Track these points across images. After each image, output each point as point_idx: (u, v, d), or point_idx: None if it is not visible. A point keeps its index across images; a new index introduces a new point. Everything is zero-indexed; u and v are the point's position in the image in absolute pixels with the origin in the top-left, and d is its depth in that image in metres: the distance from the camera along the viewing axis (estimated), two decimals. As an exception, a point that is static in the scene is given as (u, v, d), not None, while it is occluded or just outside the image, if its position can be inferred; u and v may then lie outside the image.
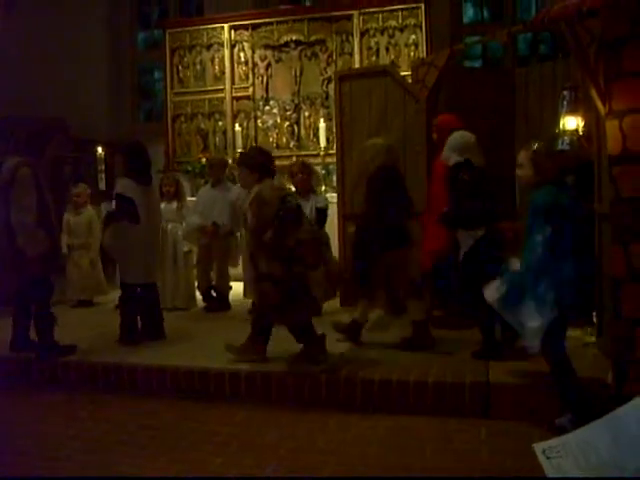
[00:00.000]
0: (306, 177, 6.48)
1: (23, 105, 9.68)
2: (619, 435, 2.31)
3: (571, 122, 4.82)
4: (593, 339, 4.98)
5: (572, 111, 4.85)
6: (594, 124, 4.58)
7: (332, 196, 7.33)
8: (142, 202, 5.58)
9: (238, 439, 4.09)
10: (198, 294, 7.22)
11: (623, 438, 2.29)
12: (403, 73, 7.86)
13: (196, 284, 7.21)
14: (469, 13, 10.89)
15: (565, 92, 4.90)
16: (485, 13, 10.94)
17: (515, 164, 4.06)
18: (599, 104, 3.66)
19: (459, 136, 5.09)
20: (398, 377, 4.48)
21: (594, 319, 4.94)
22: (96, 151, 9.02)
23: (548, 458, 2.35)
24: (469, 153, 4.98)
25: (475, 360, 4.77)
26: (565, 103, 4.87)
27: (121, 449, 3.99)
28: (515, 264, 3.99)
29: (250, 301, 6.27)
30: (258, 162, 4.94)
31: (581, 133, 4.90)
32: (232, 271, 7.27)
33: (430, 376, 4.47)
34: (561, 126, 4.92)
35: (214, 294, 7.17)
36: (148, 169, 5.81)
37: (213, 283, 7.18)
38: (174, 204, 7.13)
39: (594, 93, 3.64)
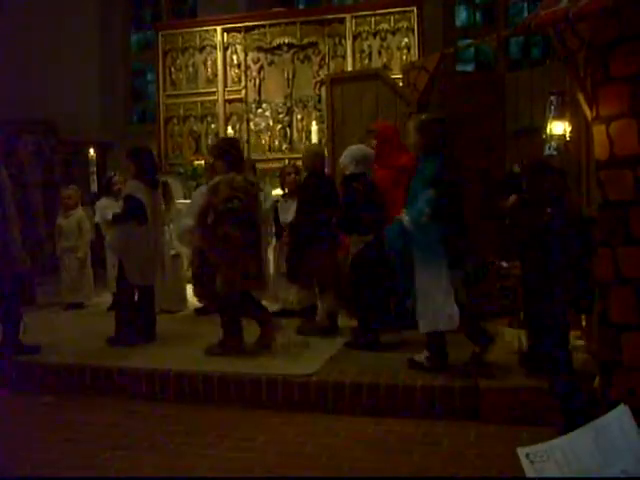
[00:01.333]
0: (297, 178, 6.56)
1: (13, 107, 9.69)
2: (602, 442, 2.32)
3: (558, 127, 4.84)
4: (582, 342, 5.00)
5: (559, 116, 4.87)
6: (582, 129, 4.60)
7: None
8: (149, 204, 5.67)
9: (226, 442, 4.09)
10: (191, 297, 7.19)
11: (606, 445, 2.31)
12: (395, 76, 7.89)
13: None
14: (462, 16, 10.93)
15: (552, 97, 4.92)
16: (478, 16, 10.98)
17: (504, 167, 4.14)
18: (586, 109, 3.67)
19: (360, 149, 5.54)
20: (386, 381, 4.49)
21: (583, 322, 4.96)
22: (88, 153, 8.99)
23: (531, 462, 2.36)
24: (366, 166, 5.43)
25: (465, 366, 4.77)
26: (552, 108, 4.88)
27: (111, 452, 3.99)
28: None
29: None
30: (229, 154, 5.36)
31: (568, 138, 4.92)
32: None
33: (419, 379, 4.47)
34: (548, 131, 4.94)
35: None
36: (155, 172, 5.95)
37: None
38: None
39: (581, 98, 3.65)
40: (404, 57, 9.11)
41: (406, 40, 9.16)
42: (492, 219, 5.81)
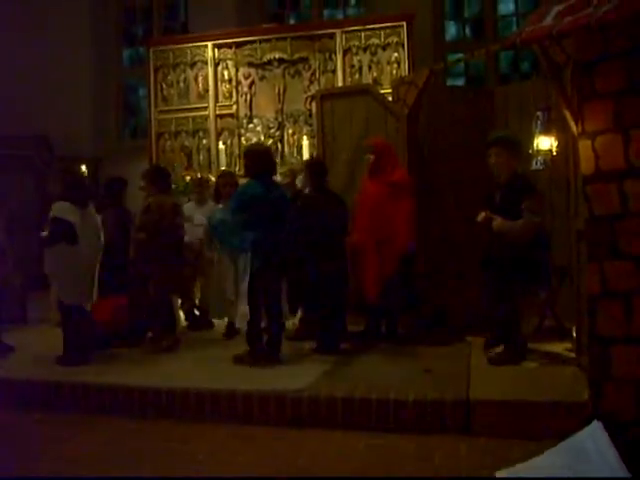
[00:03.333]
0: (291, 181, 6.88)
1: (6, 122, 9.71)
2: (577, 458, 2.34)
3: (545, 142, 4.89)
4: (573, 355, 5.02)
5: (546, 131, 4.93)
6: (569, 144, 4.65)
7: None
8: (78, 224, 5.66)
9: (218, 458, 4.09)
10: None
11: (581, 461, 2.33)
12: (386, 91, 7.92)
13: (179, 303, 7.17)
14: (451, 31, 11.01)
15: (539, 113, 4.98)
16: (467, 31, 11.07)
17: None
18: (572, 124, 3.72)
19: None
20: (378, 395, 4.50)
21: (573, 334, 4.99)
22: (80, 168, 9.02)
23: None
24: None
25: (455, 377, 4.79)
26: (539, 123, 4.94)
27: (100, 468, 3.99)
28: None
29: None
30: (160, 181, 6.40)
31: (555, 153, 4.97)
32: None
33: (410, 394, 4.48)
34: (535, 146, 4.99)
35: (197, 313, 7.17)
36: (85, 192, 5.99)
37: (196, 302, 7.18)
38: None
39: (568, 114, 3.70)
40: (394, 72, 9.15)
41: (396, 55, 9.21)
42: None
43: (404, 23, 9.14)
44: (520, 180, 5.12)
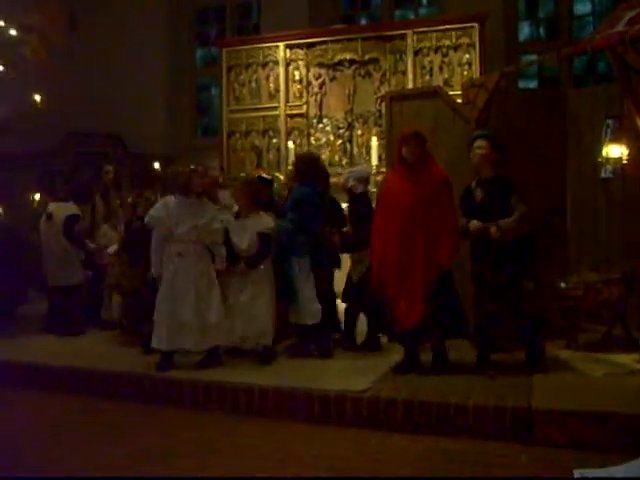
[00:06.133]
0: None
1: (84, 121, 10.05)
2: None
3: (615, 150, 4.78)
4: (640, 367, 4.92)
5: (616, 139, 4.81)
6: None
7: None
8: None
9: (277, 455, 4.15)
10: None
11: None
12: (456, 93, 7.87)
13: None
14: (524, 31, 10.82)
15: (609, 121, 4.86)
16: (541, 31, 10.86)
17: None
18: (643, 132, 3.65)
19: (366, 169, 5.99)
20: (438, 399, 4.50)
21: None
22: (152, 166, 9.27)
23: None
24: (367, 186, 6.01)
25: (518, 384, 4.75)
26: (609, 131, 4.83)
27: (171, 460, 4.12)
28: None
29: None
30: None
31: (625, 161, 4.86)
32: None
33: (472, 399, 4.47)
34: (604, 154, 4.88)
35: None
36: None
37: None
38: None
39: (639, 121, 3.63)
40: (465, 73, 9.09)
41: (467, 56, 9.15)
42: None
43: (476, 24, 9.08)
44: (503, 175, 5.10)
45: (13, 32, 7.59)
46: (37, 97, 7.69)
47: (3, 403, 5.33)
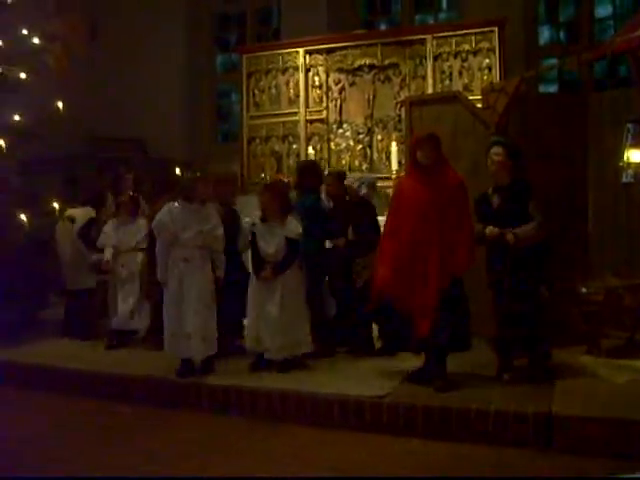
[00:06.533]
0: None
1: (105, 127, 10.15)
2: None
3: (636, 155, 4.73)
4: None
5: (636, 144, 4.77)
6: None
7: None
8: None
9: (301, 458, 4.19)
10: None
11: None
12: (476, 97, 7.85)
13: None
14: (545, 35, 10.77)
15: (629, 125, 4.82)
16: (561, 35, 10.80)
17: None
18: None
19: (371, 175, 6.27)
20: (458, 405, 4.49)
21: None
22: (174, 171, 9.31)
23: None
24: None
25: (539, 390, 4.72)
26: (629, 136, 4.79)
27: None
28: None
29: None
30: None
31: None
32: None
33: (492, 404, 4.45)
34: (625, 159, 4.85)
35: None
36: None
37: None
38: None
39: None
40: (485, 77, 9.03)
41: (487, 61, 9.10)
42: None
43: (496, 28, 9.03)
44: (522, 182, 5.04)
45: (36, 40, 7.69)
46: (59, 104, 7.78)
47: (14, 405, 5.44)
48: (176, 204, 5.53)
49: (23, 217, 6.83)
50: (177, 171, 9.44)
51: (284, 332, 5.42)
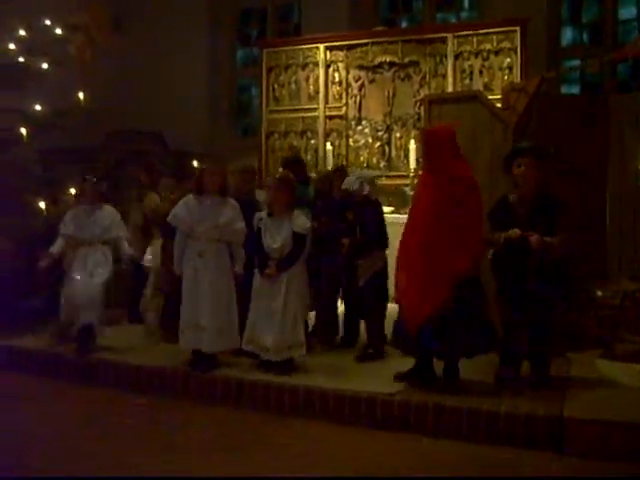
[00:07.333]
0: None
1: (126, 119, 10.19)
2: None
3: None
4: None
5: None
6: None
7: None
8: None
9: (311, 453, 4.20)
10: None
11: None
12: (496, 97, 7.82)
13: None
14: (567, 35, 10.68)
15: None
16: (584, 36, 10.71)
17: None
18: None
19: (371, 173, 6.05)
20: (469, 405, 4.49)
21: None
22: (192, 165, 9.35)
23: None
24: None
25: (550, 393, 4.70)
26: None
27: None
28: None
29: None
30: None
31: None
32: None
33: (502, 406, 4.44)
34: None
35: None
36: None
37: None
38: None
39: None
40: (506, 77, 8.99)
41: (508, 60, 9.05)
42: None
43: (518, 28, 8.98)
44: (549, 194, 4.85)
45: (59, 31, 7.75)
46: (81, 95, 7.83)
47: (31, 393, 5.49)
48: (192, 197, 5.51)
49: (42, 204, 6.87)
50: (195, 164, 9.51)
51: (285, 333, 5.27)
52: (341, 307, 6.22)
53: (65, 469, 3.95)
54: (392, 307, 5.56)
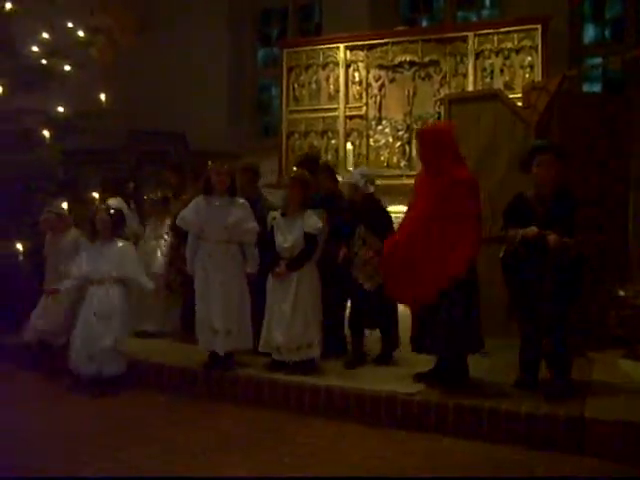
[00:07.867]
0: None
1: (147, 120, 10.28)
2: None
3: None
4: None
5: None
6: None
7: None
8: None
9: (324, 456, 4.20)
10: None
11: None
12: (517, 95, 7.79)
13: None
14: (589, 33, 10.59)
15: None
16: (607, 33, 10.62)
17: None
18: None
19: (372, 170, 5.97)
20: (490, 405, 4.47)
21: None
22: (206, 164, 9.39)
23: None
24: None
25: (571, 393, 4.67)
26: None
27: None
28: None
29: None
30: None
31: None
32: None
33: (522, 406, 4.42)
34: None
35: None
36: None
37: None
38: None
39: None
40: (527, 76, 8.93)
41: (529, 59, 8.99)
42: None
43: (539, 26, 8.91)
44: (568, 193, 4.76)
45: (81, 33, 7.82)
46: (102, 96, 7.90)
47: (47, 391, 5.59)
48: (202, 198, 5.48)
49: (65, 205, 6.92)
50: (209, 164, 9.56)
51: (294, 333, 5.25)
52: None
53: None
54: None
